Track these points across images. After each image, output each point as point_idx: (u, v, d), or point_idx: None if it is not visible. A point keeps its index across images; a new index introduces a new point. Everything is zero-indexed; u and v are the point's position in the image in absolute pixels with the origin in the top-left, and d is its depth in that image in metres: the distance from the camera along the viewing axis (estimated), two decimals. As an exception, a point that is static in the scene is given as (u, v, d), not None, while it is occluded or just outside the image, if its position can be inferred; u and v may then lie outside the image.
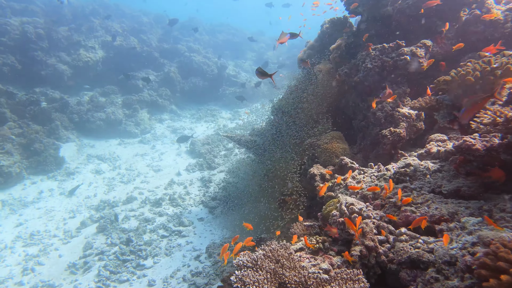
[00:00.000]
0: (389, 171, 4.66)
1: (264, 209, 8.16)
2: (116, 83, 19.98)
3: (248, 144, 11.11)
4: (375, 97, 6.00)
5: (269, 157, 9.00)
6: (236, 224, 10.51)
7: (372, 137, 5.84)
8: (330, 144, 5.76)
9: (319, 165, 5.63)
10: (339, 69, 7.76)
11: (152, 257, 9.72)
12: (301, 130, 7.61)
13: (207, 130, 19.24)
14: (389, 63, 5.77)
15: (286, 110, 9.91)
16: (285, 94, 11.31)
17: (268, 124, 10.95)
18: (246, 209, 10.16)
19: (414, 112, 5.58)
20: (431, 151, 4.81)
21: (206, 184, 13.51)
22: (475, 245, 2.91)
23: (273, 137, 9.63)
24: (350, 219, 3.64)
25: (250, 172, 11.24)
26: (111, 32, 22.15)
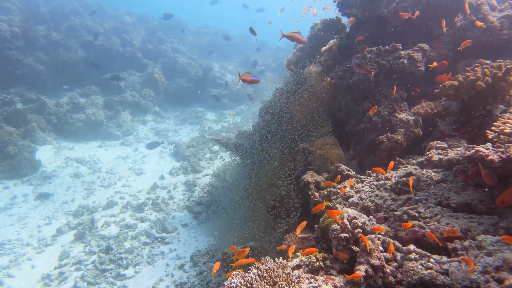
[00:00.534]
0: (389, 180, 4.39)
1: (253, 215, 7.82)
2: (98, 84, 19.25)
3: (234, 147, 10.74)
4: (369, 101, 5.75)
5: (257, 162, 8.67)
6: (222, 231, 10.11)
7: (368, 143, 5.58)
8: (324, 150, 5.47)
9: (313, 172, 5.32)
10: (331, 72, 7.51)
11: (134, 266, 9.20)
12: (292, 134, 7.31)
13: (191, 132, 18.75)
14: (385, 67, 5.53)
15: (275, 112, 9.60)
16: (273, 97, 11.02)
17: (256, 127, 10.62)
18: (233, 214, 9.79)
19: (412, 117, 5.35)
20: (433, 159, 4.57)
21: (191, 188, 13.05)
22: (499, 270, 2.64)
23: (261, 141, 9.30)
24: (353, 234, 3.33)
25: (237, 176, 10.88)
26: (92, 31, 21.40)
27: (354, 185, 4.58)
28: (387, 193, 4.12)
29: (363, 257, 3.16)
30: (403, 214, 3.50)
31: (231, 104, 23.05)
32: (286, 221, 5.46)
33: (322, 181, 5.12)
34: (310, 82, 8.03)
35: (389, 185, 4.21)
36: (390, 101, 5.50)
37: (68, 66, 18.53)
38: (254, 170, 8.76)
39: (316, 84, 7.96)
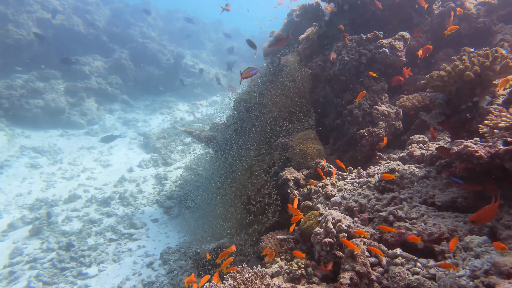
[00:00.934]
0: (372, 178, 4.17)
1: (227, 211, 7.49)
2: (58, 68, 17.88)
3: (208, 140, 10.30)
4: (350, 93, 5.51)
5: (232, 155, 8.30)
6: (195, 226, 9.71)
7: (348, 137, 5.35)
8: (304, 145, 5.18)
9: (292, 169, 5.03)
10: (309, 61, 7.21)
11: (97, 264, 8.64)
12: (270, 127, 6.98)
13: (162, 123, 18.02)
14: (367, 56, 5.29)
15: (250, 104, 9.24)
16: (248, 87, 10.63)
17: (230, 120, 10.21)
18: (206, 210, 9.41)
19: (393, 110, 5.16)
20: (414, 154, 4.39)
21: (162, 182, 12.49)
22: (488, 274, 2.45)
23: (236, 135, 8.93)
24: (337, 239, 3.06)
25: (211, 170, 10.47)
26: (48, 8, 19.66)
27: (336, 183, 4.33)
28: (371, 192, 3.90)
29: (347, 263, 2.90)
30: (388, 215, 3.28)
31: (204, 94, 22.41)
32: (264, 219, 5.16)
33: (301, 178, 4.84)
34: (289, 72, 7.71)
35: (373, 183, 3.99)
36: (371, 92, 5.28)
37: (21, 45, 16.95)
38: (229, 165, 8.39)
39: (295, 75, 7.66)
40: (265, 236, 4.51)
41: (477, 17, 5.48)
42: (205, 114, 19.47)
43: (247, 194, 6.00)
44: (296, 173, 4.92)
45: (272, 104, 7.42)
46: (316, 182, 4.65)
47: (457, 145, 3.09)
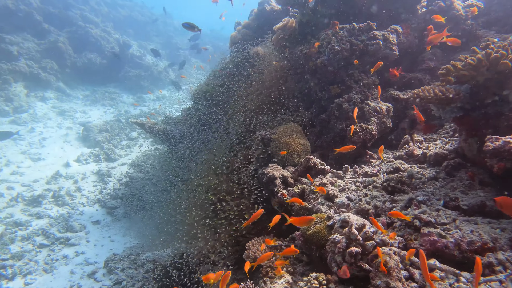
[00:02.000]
0: (376, 177, 3.73)
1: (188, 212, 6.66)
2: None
3: (161, 134, 9.29)
4: (338, 86, 5.08)
5: (195, 150, 7.47)
6: (144, 229, 8.66)
7: (336, 133, 4.89)
8: (290, 139, 4.61)
9: (277, 165, 4.42)
10: (284, 52, 6.69)
11: (23, 276, 7.23)
12: (243, 120, 6.31)
13: (105, 115, 16.32)
14: (359, 47, 4.89)
15: (213, 97, 8.49)
16: (208, 79, 9.85)
17: (188, 113, 9.32)
18: (159, 210, 8.43)
19: (385, 106, 4.82)
20: (415, 154, 4.05)
21: (104, 179, 11.10)
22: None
23: (198, 128, 8.11)
24: (365, 248, 2.51)
25: (163, 166, 9.46)
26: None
27: (334, 182, 3.81)
28: (378, 193, 3.44)
29: (379, 279, 2.36)
30: (413, 220, 2.81)
31: (151, 87, 20.90)
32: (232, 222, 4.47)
33: (289, 176, 4.25)
34: (263, 63, 7.13)
35: (379, 183, 3.54)
36: (362, 86, 4.89)
37: None
38: (187, 160, 7.54)
39: (265, 66, 7.10)
40: (250, 243, 3.84)
41: (465, 19, 5.40)
42: (153, 108, 18.12)
43: (216, 193, 5.27)
44: (283, 170, 4.33)
45: (245, 97, 6.78)
46: (307, 180, 4.10)
47: (493, 142, 2.72)
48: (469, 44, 5.51)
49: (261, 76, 7.02)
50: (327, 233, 2.96)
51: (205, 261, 5.12)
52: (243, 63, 7.89)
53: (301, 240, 3.13)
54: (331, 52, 4.95)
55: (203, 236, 5.47)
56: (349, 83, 4.96)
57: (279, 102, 5.70)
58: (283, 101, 5.69)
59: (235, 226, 4.56)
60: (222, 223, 4.97)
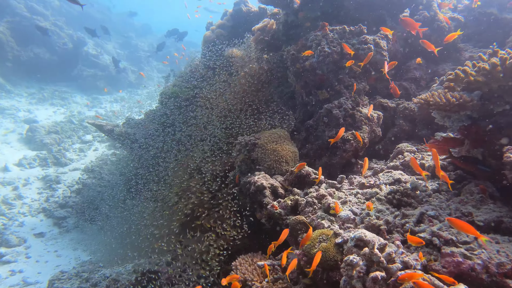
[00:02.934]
0: (377, 188, 3.42)
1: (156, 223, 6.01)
2: None
3: (122, 136, 8.50)
4: (327, 91, 4.79)
5: (161, 157, 6.82)
6: (99, 243, 7.76)
7: (324, 140, 4.58)
8: (278, 145, 4.20)
9: (265, 174, 3.99)
10: (263, 53, 6.35)
11: None
12: (216, 125, 5.82)
13: (54, 115, 14.90)
14: (349, 51, 4.64)
15: (181, 99, 7.92)
16: (177, 81, 9.27)
17: (153, 115, 8.63)
18: (117, 221, 7.63)
19: (375, 114, 4.60)
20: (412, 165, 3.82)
21: (52, 186, 9.95)
22: None
23: (165, 131, 7.47)
24: (389, 273, 2.15)
25: (122, 173, 8.64)
26: None
27: (333, 194, 3.45)
28: (383, 206, 3.13)
29: (410, 310, 2.00)
30: (432, 237, 2.51)
31: (108, 88, 19.62)
32: (218, 239, 3.96)
33: (279, 186, 3.83)
34: (243, 65, 6.72)
35: (383, 195, 3.23)
36: (352, 92, 4.63)
37: None
38: (155, 166, 6.87)
39: (243, 68, 6.70)
40: (237, 262, 3.34)
41: (448, 31, 5.39)
42: (110, 110, 16.96)
43: (188, 204, 4.72)
44: (271, 179, 3.90)
45: (220, 100, 6.31)
46: (298, 191, 3.71)
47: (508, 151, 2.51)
48: (451, 56, 5.53)
49: (236, 78, 6.62)
50: (336, 253, 2.57)
51: (176, 280, 4.53)
52: (217, 65, 7.44)
53: (304, 261, 2.71)
54: (321, 55, 4.66)
55: (173, 251, 4.89)
56: (338, 88, 4.69)
57: (257, 107, 5.31)
58: (261, 106, 5.31)
59: (213, 241, 4.04)
60: (196, 237, 4.43)
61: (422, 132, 4.78)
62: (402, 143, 4.77)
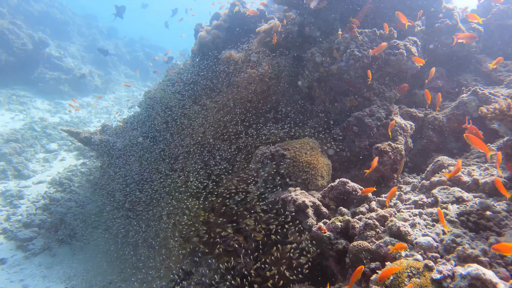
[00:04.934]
0: (444, 209, 3.01)
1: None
2: None
3: (103, 145, 7.60)
4: (355, 98, 4.39)
5: (152, 167, 6.10)
6: (77, 266, 6.79)
7: (354, 152, 4.15)
8: (312, 157, 3.70)
9: (302, 190, 3.46)
10: (267, 57, 5.88)
11: None
12: (221, 132, 5.23)
13: (12, 122, 13.36)
14: (381, 56, 4.29)
15: (172, 105, 7.25)
16: (162, 85, 8.57)
17: (137, 122, 7.83)
18: (96, 240, 6.75)
19: (409, 124, 4.25)
20: (462, 181, 3.47)
21: (13, 202, 8.69)
22: None
23: (155, 139, 6.74)
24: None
25: (100, 185, 7.72)
26: None
27: (394, 214, 2.99)
28: (458, 230, 2.71)
29: None
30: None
31: (72, 93, 18.16)
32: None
33: (321, 204, 3.32)
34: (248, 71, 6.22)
35: (454, 217, 2.82)
36: (383, 100, 4.27)
37: None
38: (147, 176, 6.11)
39: (244, 73, 6.19)
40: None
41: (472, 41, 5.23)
42: (75, 116, 15.62)
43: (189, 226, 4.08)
44: (310, 196, 3.38)
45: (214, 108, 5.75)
46: (343, 210, 3.21)
47: None
48: (471, 67, 5.37)
49: (237, 83, 6.10)
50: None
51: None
52: (213, 69, 6.87)
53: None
54: (350, 58, 4.25)
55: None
56: (367, 95, 4.30)
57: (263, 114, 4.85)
58: (266, 113, 4.84)
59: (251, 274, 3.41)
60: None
61: (451, 144, 4.50)
62: (431, 155, 4.49)
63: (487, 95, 4.19)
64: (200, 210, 4.36)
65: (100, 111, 16.47)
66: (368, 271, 2.59)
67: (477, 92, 4.24)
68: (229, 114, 5.55)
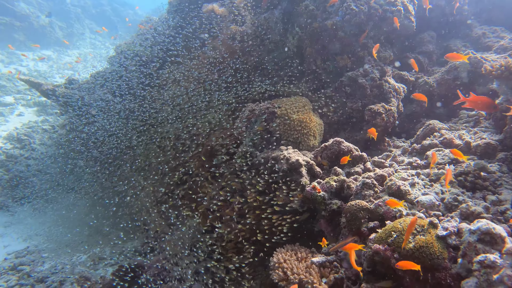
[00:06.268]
0: (431, 169, 2.95)
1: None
2: None
3: (66, 99, 7.00)
4: (348, 56, 4.19)
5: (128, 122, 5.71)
6: (39, 224, 6.40)
7: (346, 113, 4.00)
8: (304, 115, 3.51)
9: (295, 149, 3.29)
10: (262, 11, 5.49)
11: None
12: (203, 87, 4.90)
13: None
14: (378, 12, 4.07)
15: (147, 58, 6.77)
16: (133, 38, 7.96)
17: (108, 76, 7.24)
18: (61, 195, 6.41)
19: (402, 87, 4.14)
20: (454, 143, 3.44)
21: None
22: None
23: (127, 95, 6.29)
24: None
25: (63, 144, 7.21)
26: None
27: (392, 174, 2.89)
28: (456, 189, 2.67)
29: None
30: (548, 229, 2.10)
31: (28, 43, 16.57)
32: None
33: (314, 163, 3.17)
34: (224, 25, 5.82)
35: (452, 177, 2.77)
36: (377, 60, 4.09)
37: None
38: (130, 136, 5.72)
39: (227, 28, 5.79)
40: (279, 257, 2.63)
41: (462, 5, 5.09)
42: (34, 69, 14.38)
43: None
44: (303, 156, 3.22)
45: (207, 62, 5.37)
46: (337, 171, 3.09)
47: None
48: (462, 32, 5.28)
49: (216, 42, 5.73)
50: (441, 249, 2.03)
51: (168, 276, 3.69)
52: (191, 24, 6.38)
53: (395, 258, 2.12)
54: (347, 13, 4.00)
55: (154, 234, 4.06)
56: (361, 55, 4.11)
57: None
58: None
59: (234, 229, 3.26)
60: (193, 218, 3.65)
61: (439, 110, 4.47)
62: (419, 120, 4.44)
63: (479, 59, 4.13)
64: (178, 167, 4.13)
65: (63, 67, 15.25)
66: (365, 230, 2.51)
67: (470, 56, 4.17)
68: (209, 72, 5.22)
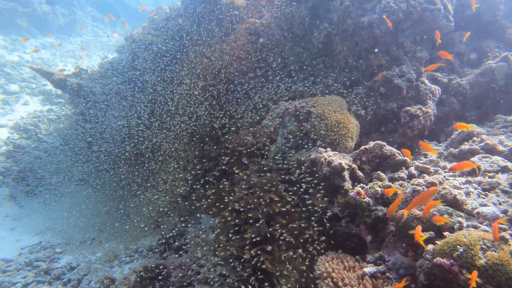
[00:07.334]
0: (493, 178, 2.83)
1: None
2: None
3: (79, 89, 6.81)
4: (382, 56, 4.04)
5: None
6: (52, 217, 6.26)
7: (380, 114, 3.86)
8: (342, 116, 3.36)
9: (335, 152, 3.15)
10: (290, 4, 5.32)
11: None
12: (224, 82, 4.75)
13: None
14: (416, 10, 3.91)
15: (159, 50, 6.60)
16: (146, 29, 7.77)
17: (119, 68, 7.05)
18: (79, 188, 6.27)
19: (437, 89, 4.00)
20: (498, 150, 3.32)
21: (-30, 146, 7.75)
22: None
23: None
24: None
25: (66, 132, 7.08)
26: None
27: (443, 181, 2.76)
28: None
29: None
30: None
31: (31, 29, 16.26)
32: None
33: (355, 167, 3.03)
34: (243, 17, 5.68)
35: (508, 186, 2.65)
36: (413, 60, 3.95)
37: None
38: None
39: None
40: (327, 267, 2.51)
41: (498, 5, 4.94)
42: (37, 56, 14.09)
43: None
44: (343, 159, 3.08)
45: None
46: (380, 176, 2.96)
47: None
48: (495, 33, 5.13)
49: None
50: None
51: (195, 278, 3.56)
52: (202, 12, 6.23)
53: (463, 275, 2.00)
54: (385, 10, 3.84)
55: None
56: (397, 54, 3.97)
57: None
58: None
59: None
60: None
61: (470, 113, 4.34)
62: (450, 123, 4.31)
63: (517, 62, 4.00)
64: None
65: (66, 54, 14.96)
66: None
67: (509, 58, 4.03)
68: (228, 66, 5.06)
